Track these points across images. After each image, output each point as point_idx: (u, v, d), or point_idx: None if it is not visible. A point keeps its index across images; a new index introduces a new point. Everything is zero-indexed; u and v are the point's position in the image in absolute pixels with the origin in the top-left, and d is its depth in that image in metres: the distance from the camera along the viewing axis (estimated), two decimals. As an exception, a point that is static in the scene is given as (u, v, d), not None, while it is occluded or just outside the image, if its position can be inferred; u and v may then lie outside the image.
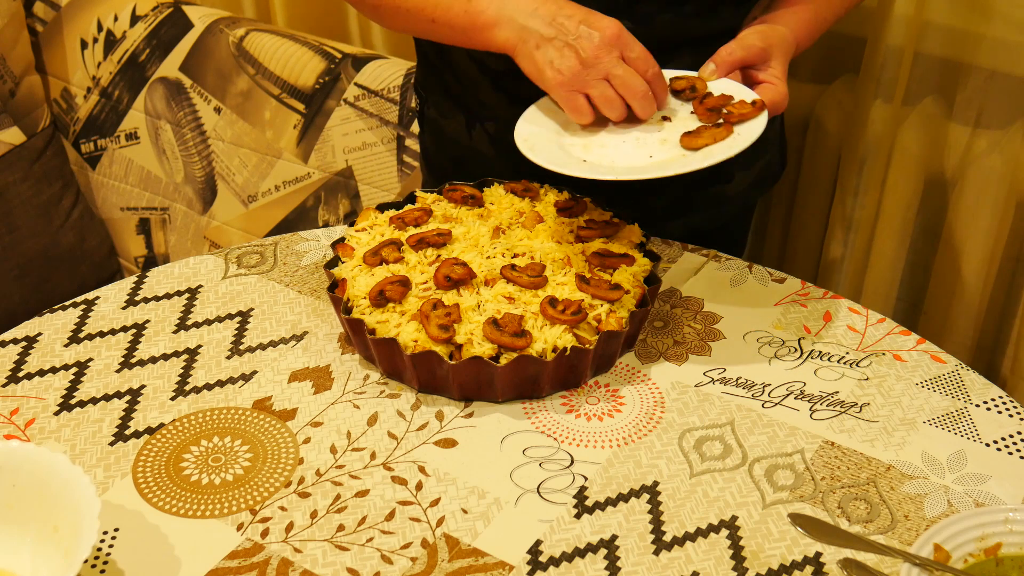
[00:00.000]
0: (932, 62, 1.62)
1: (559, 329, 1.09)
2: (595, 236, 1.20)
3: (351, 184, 1.82)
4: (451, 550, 0.97)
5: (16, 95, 1.97)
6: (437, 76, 1.46)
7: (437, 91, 1.48)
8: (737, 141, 1.13)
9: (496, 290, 1.12)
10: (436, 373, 1.10)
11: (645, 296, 1.14)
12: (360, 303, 1.13)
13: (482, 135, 1.43)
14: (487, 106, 1.40)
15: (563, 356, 1.09)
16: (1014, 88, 1.58)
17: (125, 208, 2.05)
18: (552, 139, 1.17)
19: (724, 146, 1.13)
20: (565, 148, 1.16)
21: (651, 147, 1.16)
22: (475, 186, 1.27)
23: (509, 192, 1.26)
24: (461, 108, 1.44)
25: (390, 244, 1.18)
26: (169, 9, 1.96)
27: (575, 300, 1.11)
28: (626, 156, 1.15)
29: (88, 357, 1.18)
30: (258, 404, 1.12)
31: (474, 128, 1.44)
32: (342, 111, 1.80)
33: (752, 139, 1.13)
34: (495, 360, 1.08)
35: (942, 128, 1.65)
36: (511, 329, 1.08)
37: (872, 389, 1.13)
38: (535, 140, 1.17)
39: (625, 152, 1.16)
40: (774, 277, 1.27)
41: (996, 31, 1.57)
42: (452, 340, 1.08)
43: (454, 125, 1.46)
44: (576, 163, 1.14)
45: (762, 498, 1.01)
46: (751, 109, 1.16)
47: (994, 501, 1.01)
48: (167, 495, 1.02)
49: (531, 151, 1.14)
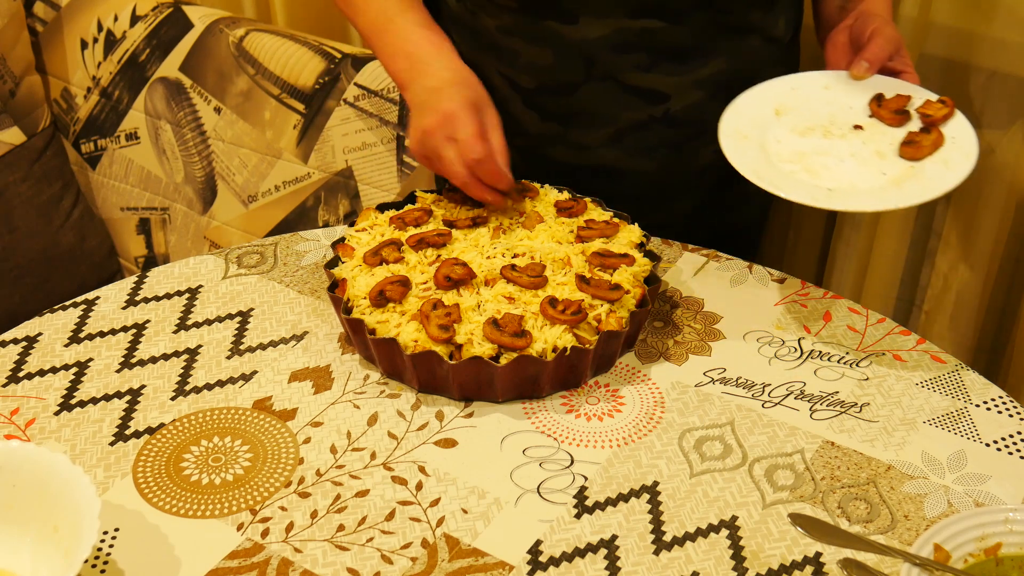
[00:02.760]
0: (934, 62, 1.62)
1: (559, 329, 1.09)
2: (595, 236, 1.19)
3: (351, 184, 1.82)
4: (451, 550, 0.97)
5: (16, 95, 1.97)
6: None
7: None
8: (964, 145, 1.14)
9: (496, 290, 1.12)
10: (436, 373, 1.10)
11: (645, 296, 1.14)
12: (360, 303, 1.13)
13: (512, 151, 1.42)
14: (518, 122, 1.39)
15: (563, 356, 1.09)
16: (1014, 88, 1.58)
17: (125, 208, 2.05)
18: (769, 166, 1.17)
19: (961, 153, 1.13)
20: (792, 175, 1.16)
21: (875, 163, 1.16)
22: None
23: None
24: None
25: (390, 244, 1.18)
26: (169, 9, 1.96)
27: (575, 300, 1.11)
28: (860, 176, 1.15)
29: (88, 357, 1.18)
30: (258, 404, 1.12)
31: None
32: (342, 111, 1.80)
33: (973, 139, 1.14)
34: (495, 360, 1.08)
35: (942, 128, 1.65)
36: (511, 329, 1.08)
37: (872, 389, 1.13)
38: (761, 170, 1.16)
39: (853, 171, 1.16)
40: (774, 277, 1.27)
41: (997, 31, 1.57)
42: (452, 340, 1.08)
43: None
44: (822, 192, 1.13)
45: (762, 498, 1.01)
46: (945, 108, 1.17)
47: (994, 501, 1.01)
48: (167, 495, 1.02)
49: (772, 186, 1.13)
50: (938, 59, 1.62)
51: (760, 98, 1.24)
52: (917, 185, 1.12)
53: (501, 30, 1.33)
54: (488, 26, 1.34)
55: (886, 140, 1.18)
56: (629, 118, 1.34)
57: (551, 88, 1.34)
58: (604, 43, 1.29)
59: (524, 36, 1.31)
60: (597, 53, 1.30)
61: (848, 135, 1.20)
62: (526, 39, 1.31)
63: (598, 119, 1.35)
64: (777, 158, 1.18)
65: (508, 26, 1.32)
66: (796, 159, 1.18)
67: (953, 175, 1.12)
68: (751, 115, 1.22)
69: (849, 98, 1.23)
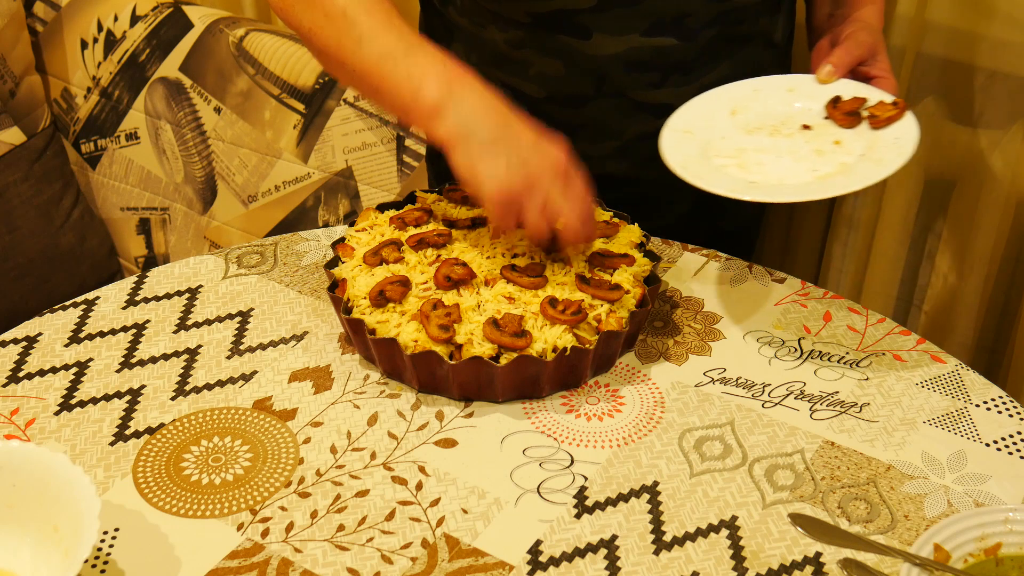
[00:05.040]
0: (933, 62, 1.62)
1: (559, 329, 1.09)
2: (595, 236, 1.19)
3: (351, 184, 1.82)
4: (451, 550, 0.97)
5: (16, 95, 1.97)
6: None
7: None
8: (904, 146, 1.13)
9: (496, 290, 1.12)
10: (436, 373, 1.10)
11: (645, 296, 1.14)
12: (360, 303, 1.13)
13: None
14: None
15: (563, 356, 1.09)
16: (1014, 88, 1.58)
17: (125, 208, 2.05)
18: (702, 160, 1.17)
19: (895, 153, 1.13)
20: (721, 169, 1.16)
21: (811, 160, 1.17)
22: None
23: None
24: None
25: (390, 244, 1.18)
26: (169, 9, 1.96)
27: (575, 300, 1.10)
28: (792, 173, 1.15)
29: (88, 357, 1.18)
30: (258, 404, 1.12)
31: None
32: (342, 111, 1.80)
33: (914, 140, 1.13)
34: (495, 360, 1.08)
35: (942, 128, 1.65)
36: (511, 329, 1.08)
37: (872, 389, 1.13)
38: (689, 163, 1.16)
39: (786, 168, 1.16)
40: (774, 277, 1.27)
41: (997, 31, 1.56)
42: (452, 340, 1.08)
43: None
44: (742, 184, 1.14)
45: (762, 498, 1.01)
46: (894, 109, 1.17)
47: (994, 501, 1.01)
48: (167, 495, 1.02)
49: (696, 178, 1.13)
50: (937, 59, 1.62)
51: (719, 98, 1.25)
52: (843, 180, 1.12)
53: (511, 43, 1.31)
54: (496, 39, 1.32)
55: (829, 139, 1.19)
56: (636, 131, 1.34)
57: (559, 100, 1.32)
58: (617, 61, 1.28)
59: (536, 49, 1.30)
60: (609, 70, 1.29)
61: (795, 134, 1.20)
62: (538, 51, 1.30)
63: (605, 132, 1.35)
64: (715, 153, 1.19)
65: (519, 40, 1.30)
66: (734, 155, 1.18)
67: (880, 171, 1.12)
68: (704, 112, 1.23)
69: (810, 100, 1.23)
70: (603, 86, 1.31)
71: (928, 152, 1.65)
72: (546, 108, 1.34)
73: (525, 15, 1.27)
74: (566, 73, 1.30)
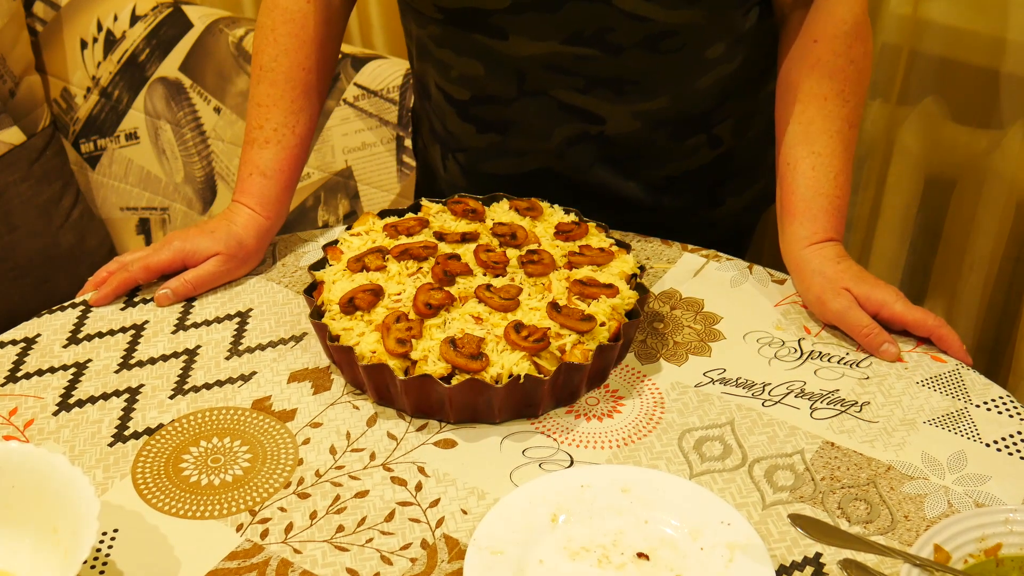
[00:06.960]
0: (932, 62, 1.62)
1: (518, 355, 1.05)
2: (585, 263, 1.15)
3: (351, 184, 1.82)
4: (451, 551, 0.97)
5: (16, 95, 1.97)
6: (420, 103, 1.46)
7: (423, 121, 1.47)
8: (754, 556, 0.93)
9: (466, 309, 1.09)
10: (389, 388, 1.08)
11: (620, 331, 1.10)
12: (332, 308, 1.12)
13: (454, 166, 1.40)
14: (456, 136, 1.37)
15: (516, 384, 1.04)
16: (1014, 88, 1.58)
17: (125, 208, 2.05)
18: None
19: None
20: None
21: None
22: (483, 201, 1.25)
23: (512, 209, 1.23)
24: (437, 139, 1.43)
25: (376, 252, 1.16)
26: (169, 9, 1.96)
27: (542, 328, 1.06)
28: None
29: (87, 358, 1.18)
30: (257, 405, 1.12)
31: (447, 159, 1.42)
32: (342, 111, 1.80)
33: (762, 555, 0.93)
34: (446, 380, 1.05)
35: (942, 128, 1.65)
36: (468, 351, 1.05)
37: (872, 389, 1.13)
38: None
39: None
40: (774, 278, 1.27)
41: (996, 31, 1.56)
42: (408, 355, 1.06)
43: (433, 155, 1.45)
44: None
45: (762, 498, 1.01)
46: None
47: (994, 501, 1.00)
48: (166, 496, 1.02)
49: None
50: (936, 59, 1.62)
51: (539, 496, 0.98)
52: None
53: (433, 39, 1.30)
54: (420, 34, 1.31)
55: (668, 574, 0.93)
56: (563, 133, 1.32)
57: (483, 100, 1.30)
58: (536, 62, 1.25)
59: (453, 48, 1.28)
60: (529, 69, 1.26)
61: (627, 565, 0.93)
62: (456, 51, 1.28)
63: (534, 132, 1.32)
64: None
65: (437, 36, 1.29)
66: None
67: None
68: (519, 521, 0.96)
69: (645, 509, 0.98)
70: (524, 85, 1.28)
71: (928, 152, 1.65)
72: (473, 111, 1.33)
73: (435, 10, 1.25)
74: (486, 72, 1.28)
